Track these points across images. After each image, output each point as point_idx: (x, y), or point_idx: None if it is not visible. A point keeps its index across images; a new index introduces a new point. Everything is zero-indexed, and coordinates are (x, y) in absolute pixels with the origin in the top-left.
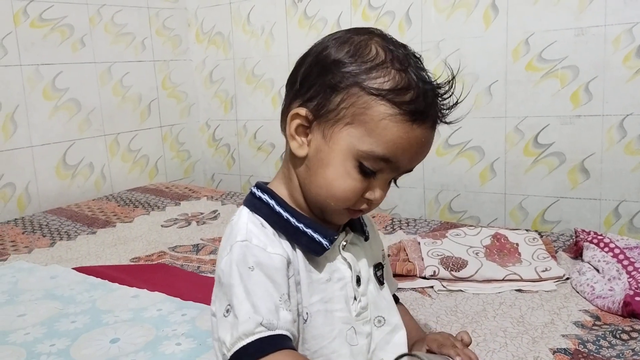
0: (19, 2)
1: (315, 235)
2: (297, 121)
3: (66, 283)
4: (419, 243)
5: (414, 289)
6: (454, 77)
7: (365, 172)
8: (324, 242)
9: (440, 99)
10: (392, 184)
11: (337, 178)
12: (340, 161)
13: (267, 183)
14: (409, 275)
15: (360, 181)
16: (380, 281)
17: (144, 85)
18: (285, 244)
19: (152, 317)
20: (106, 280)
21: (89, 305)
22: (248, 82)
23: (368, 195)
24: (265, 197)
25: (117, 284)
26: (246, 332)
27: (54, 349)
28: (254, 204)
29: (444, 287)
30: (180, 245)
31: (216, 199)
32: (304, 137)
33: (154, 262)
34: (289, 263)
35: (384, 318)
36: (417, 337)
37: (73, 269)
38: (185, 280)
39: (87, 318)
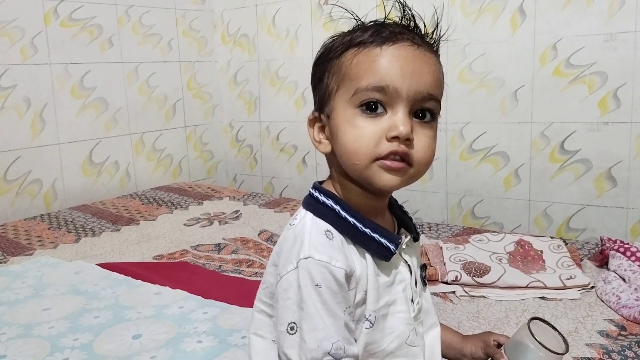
0: (50, 2)
1: (383, 240)
2: (313, 128)
3: (90, 279)
4: (441, 248)
5: (435, 294)
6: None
7: (371, 111)
8: (391, 246)
9: (412, 29)
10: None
11: (346, 134)
12: (344, 122)
13: (321, 182)
14: (430, 280)
15: (368, 123)
16: (424, 282)
17: (170, 86)
18: (354, 251)
19: (173, 314)
20: (129, 277)
21: (112, 301)
22: (272, 84)
23: (391, 133)
24: (330, 202)
25: (140, 281)
26: None
27: (77, 343)
28: (319, 209)
29: (466, 292)
30: (202, 244)
31: (238, 199)
32: (324, 135)
33: (176, 260)
34: (350, 275)
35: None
36: (457, 333)
37: (97, 265)
38: (207, 279)
39: (110, 313)
